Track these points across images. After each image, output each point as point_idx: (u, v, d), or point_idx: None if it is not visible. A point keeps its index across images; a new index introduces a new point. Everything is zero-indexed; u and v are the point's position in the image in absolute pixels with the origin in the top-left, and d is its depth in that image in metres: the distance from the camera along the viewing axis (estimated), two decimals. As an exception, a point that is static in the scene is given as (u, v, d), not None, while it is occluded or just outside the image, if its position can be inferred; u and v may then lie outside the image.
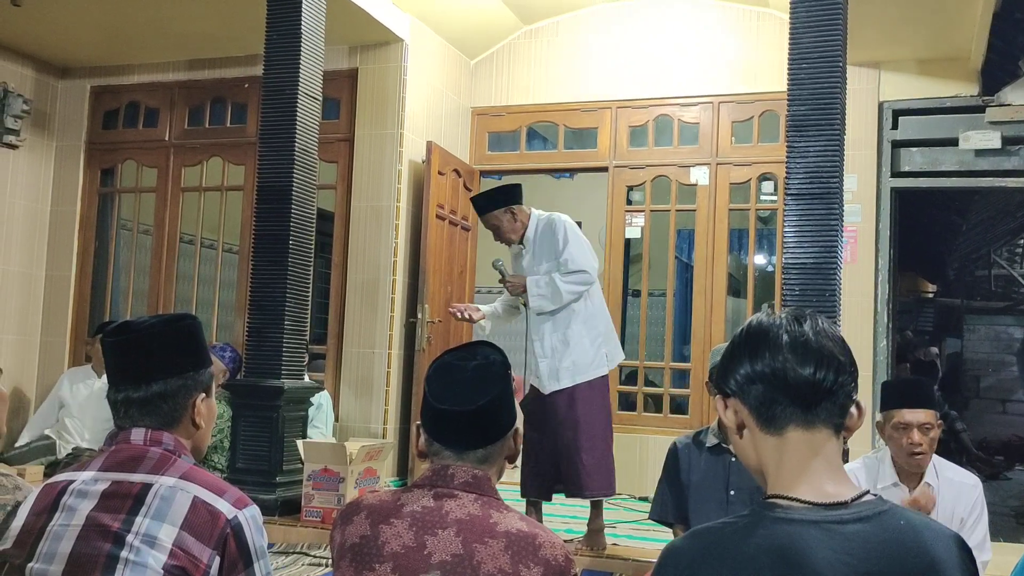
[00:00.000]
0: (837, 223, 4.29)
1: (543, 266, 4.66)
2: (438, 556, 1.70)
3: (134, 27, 6.52)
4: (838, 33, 4.35)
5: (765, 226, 7.60)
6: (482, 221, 4.85)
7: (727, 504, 3.43)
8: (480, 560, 1.69)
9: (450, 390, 1.85)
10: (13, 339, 7.03)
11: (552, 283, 4.60)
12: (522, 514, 1.81)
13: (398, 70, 6.51)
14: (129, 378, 1.87)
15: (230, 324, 7.03)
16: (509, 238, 4.75)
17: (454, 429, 1.85)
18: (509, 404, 1.90)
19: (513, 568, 1.69)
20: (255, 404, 5.07)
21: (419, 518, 1.75)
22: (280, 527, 4.69)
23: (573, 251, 4.61)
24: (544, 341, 4.65)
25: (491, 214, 4.72)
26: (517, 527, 1.74)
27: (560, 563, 1.73)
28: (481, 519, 1.74)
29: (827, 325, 1.41)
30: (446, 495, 1.79)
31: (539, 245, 4.71)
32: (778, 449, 1.37)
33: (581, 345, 4.62)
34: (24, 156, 7.08)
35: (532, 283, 4.63)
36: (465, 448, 1.84)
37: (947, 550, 1.30)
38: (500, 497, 1.85)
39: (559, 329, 4.65)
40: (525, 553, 1.70)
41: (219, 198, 7.16)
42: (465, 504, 1.77)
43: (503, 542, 1.71)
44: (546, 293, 4.60)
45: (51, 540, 1.73)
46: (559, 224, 4.69)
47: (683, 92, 6.82)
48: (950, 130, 6.01)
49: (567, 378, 4.58)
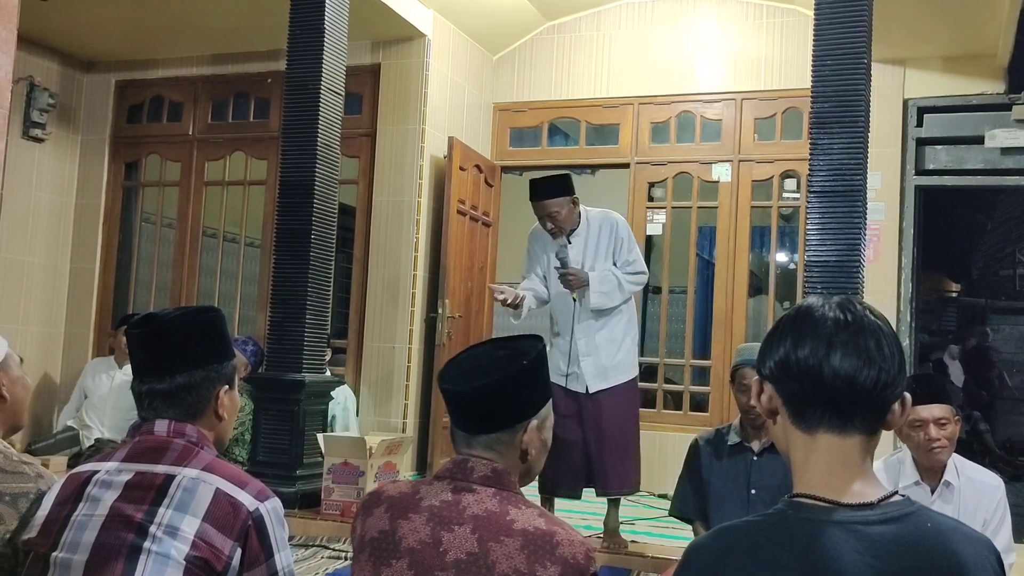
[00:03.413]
0: (860, 221, 4.26)
1: (597, 263, 4.55)
2: (453, 554, 1.68)
3: (159, 22, 6.56)
4: (863, 30, 4.32)
5: (787, 224, 7.55)
6: (539, 207, 4.54)
7: (748, 502, 3.41)
8: (495, 560, 1.66)
9: (461, 372, 1.83)
10: (38, 330, 7.10)
11: (616, 281, 4.52)
12: (542, 510, 1.77)
13: (420, 65, 6.52)
14: (153, 370, 1.88)
15: (252, 318, 7.07)
16: (562, 228, 4.54)
17: (457, 409, 1.84)
18: (525, 393, 1.83)
19: (529, 568, 1.65)
20: (276, 397, 5.10)
21: (436, 512, 1.74)
22: (300, 520, 4.71)
23: (636, 252, 4.62)
24: (591, 339, 4.54)
25: (555, 200, 4.49)
26: (535, 524, 1.70)
27: (579, 561, 1.69)
28: (498, 515, 1.71)
29: (882, 322, 1.34)
30: (464, 488, 1.77)
31: (594, 243, 4.59)
32: (807, 446, 1.33)
33: (625, 344, 4.59)
34: (49, 150, 7.14)
35: (596, 279, 4.50)
36: (470, 430, 1.82)
37: (976, 554, 1.26)
38: (520, 492, 1.82)
39: (609, 327, 4.57)
40: (542, 552, 1.67)
41: (242, 192, 7.19)
42: (483, 499, 1.74)
43: (519, 541, 1.67)
44: (608, 291, 4.52)
45: (75, 530, 1.74)
46: (620, 223, 4.65)
47: (706, 89, 6.79)
48: (975, 128, 5.95)
49: (614, 376, 4.52)
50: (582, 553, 1.70)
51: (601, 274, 4.53)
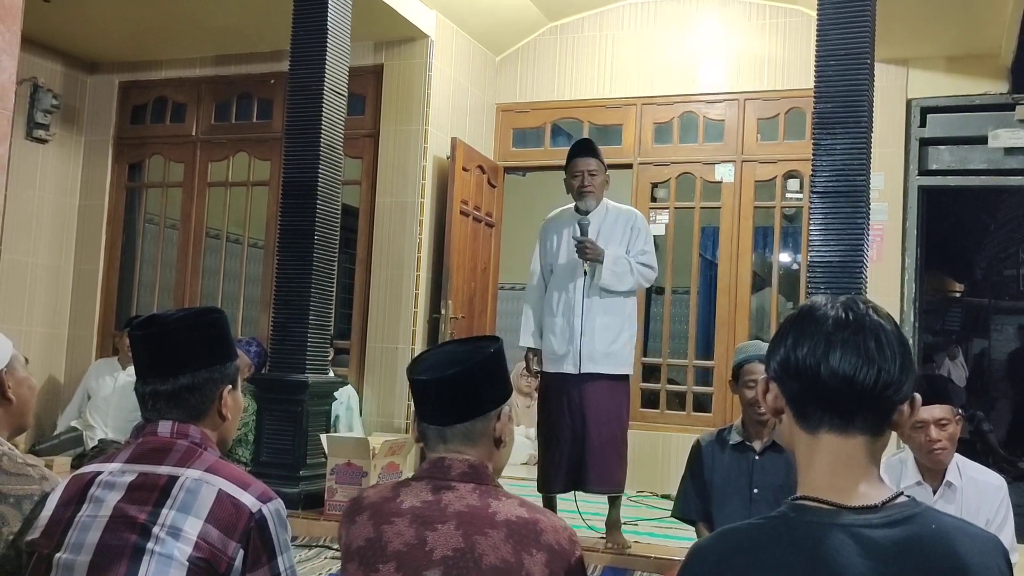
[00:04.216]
0: (863, 221, 4.26)
1: (610, 247, 4.56)
2: (439, 551, 1.70)
3: (162, 23, 6.57)
4: (866, 30, 4.32)
5: (790, 224, 7.55)
6: (578, 164, 4.64)
7: (750, 502, 3.41)
8: (482, 552, 1.68)
9: (430, 363, 1.88)
10: (42, 331, 7.11)
11: (629, 265, 4.54)
12: (522, 499, 1.79)
13: (423, 66, 6.52)
14: (157, 371, 1.88)
15: (255, 319, 7.07)
16: (590, 193, 4.59)
17: (431, 401, 1.86)
18: (494, 381, 1.88)
19: (516, 557, 1.68)
20: (279, 398, 5.11)
21: (419, 514, 1.76)
22: (303, 520, 4.72)
23: (651, 246, 4.67)
24: (592, 319, 4.52)
25: (595, 160, 4.63)
26: (517, 514, 1.73)
27: (564, 546, 1.72)
28: (480, 509, 1.74)
29: (886, 321, 1.33)
30: (444, 487, 1.79)
31: (610, 227, 4.62)
32: (810, 447, 1.33)
33: (622, 338, 4.58)
34: (53, 151, 7.15)
35: (611, 258, 4.50)
36: (445, 422, 1.84)
37: (981, 555, 1.25)
38: (499, 484, 1.84)
39: (610, 315, 4.55)
40: (527, 540, 1.70)
41: (245, 193, 7.20)
42: (463, 495, 1.77)
43: (503, 532, 1.70)
44: (620, 272, 4.52)
45: (79, 530, 1.75)
46: (639, 217, 4.74)
47: (709, 89, 6.79)
48: (979, 128, 5.95)
49: (605, 364, 4.49)
50: (566, 538, 1.74)
51: (617, 255, 4.55)
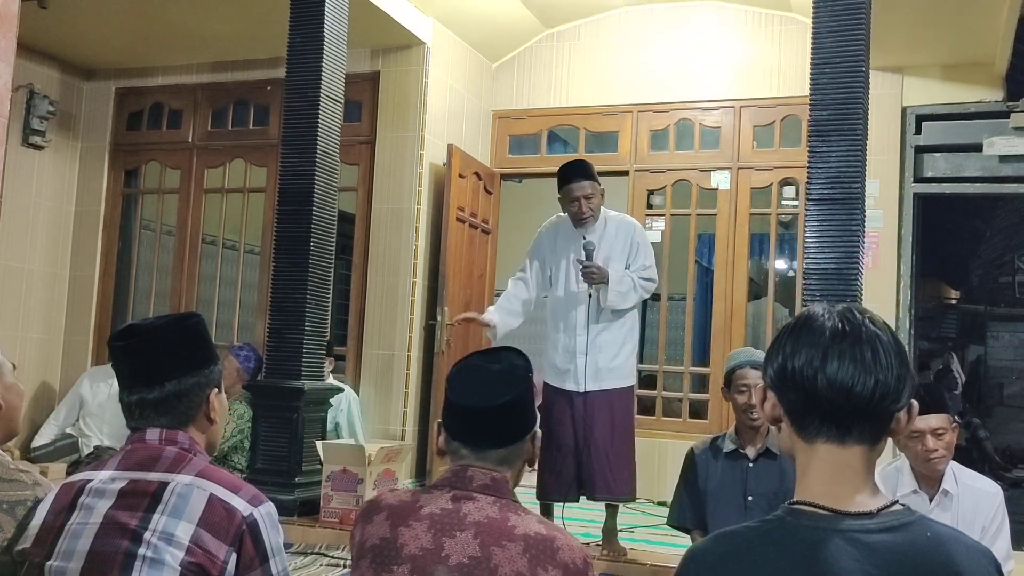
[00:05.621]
0: (859, 228, 4.26)
1: (611, 264, 4.53)
2: (455, 558, 1.71)
3: (159, 29, 6.57)
4: (861, 38, 4.32)
5: (786, 231, 7.56)
6: (573, 190, 4.54)
7: (745, 509, 3.42)
8: (497, 563, 1.69)
9: (474, 388, 1.87)
10: (37, 338, 7.10)
11: (632, 283, 4.52)
12: (540, 516, 1.82)
13: (420, 73, 6.53)
14: (142, 380, 1.89)
15: (251, 325, 7.07)
16: (588, 216, 4.54)
17: (476, 427, 1.86)
18: (530, 407, 1.92)
19: (531, 571, 1.69)
20: (275, 405, 5.09)
21: (437, 520, 1.76)
22: (299, 527, 4.70)
23: (652, 259, 4.63)
24: (594, 338, 4.51)
25: (591, 183, 4.55)
26: (535, 530, 1.75)
27: (578, 566, 1.74)
28: (499, 521, 1.75)
29: (883, 331, 1.33)
30: (464, 497, 1.80)
31: (610, 242, 4.59)
32: (807, 455, 1.34)
33: (624, 351, 4.58)
34: (49, 157, 7.15)
35: (615, 278, 4.47)
36: (485, 447, 1.85)
37: (974, 564, 1.26)
38: (518, 500, 1.86)
39: (612, 330, 4.55)
40: (543, 556, 1.71)
41: (241, 199, 7.20)
42: (483, 506, 1.78)
43: (521, 545, 1.71)
44: (624, 291, 4.50)
45: (69, 538, 1.75)
46: (638, 228, 4.69)
47: (705, 96, 6.79)
48: (974, 136, 5.95)
49: (609, 380, 4.49)
50: (581, 558, 1.76)
51: (620, 274, 4.53)
